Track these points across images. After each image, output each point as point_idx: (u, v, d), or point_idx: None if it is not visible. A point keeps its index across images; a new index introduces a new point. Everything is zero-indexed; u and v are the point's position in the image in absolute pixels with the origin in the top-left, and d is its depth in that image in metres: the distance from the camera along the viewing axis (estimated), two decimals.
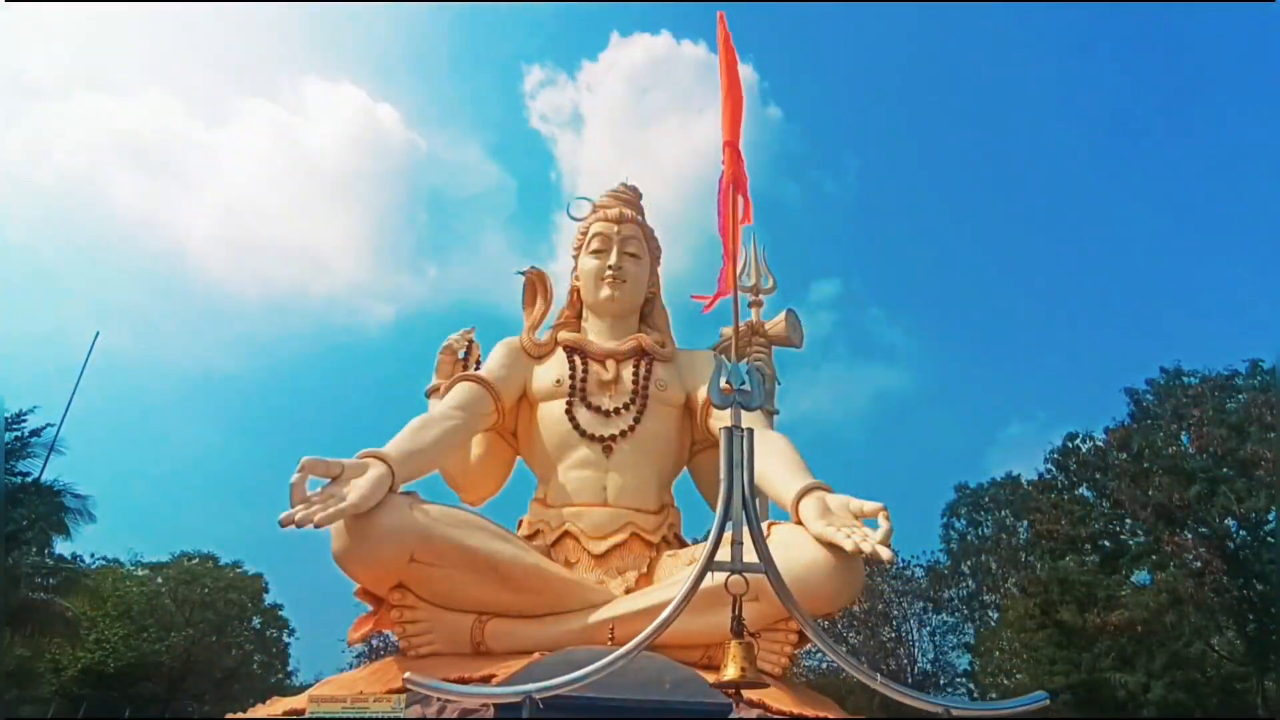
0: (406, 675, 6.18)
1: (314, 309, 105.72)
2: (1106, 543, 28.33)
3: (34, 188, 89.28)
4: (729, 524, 6.42)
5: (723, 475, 6.49)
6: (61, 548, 27.06)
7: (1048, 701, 5.92)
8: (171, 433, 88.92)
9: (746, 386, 6.81)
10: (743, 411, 6.70)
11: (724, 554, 6.33)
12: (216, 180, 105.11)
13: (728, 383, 6.83)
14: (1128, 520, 26.76)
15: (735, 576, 6.07)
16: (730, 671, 5.93)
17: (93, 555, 37.76)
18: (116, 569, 35.90)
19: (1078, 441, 30.56)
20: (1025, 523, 33.53)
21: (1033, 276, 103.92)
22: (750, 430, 6.59)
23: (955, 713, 5.74)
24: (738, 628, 6.05)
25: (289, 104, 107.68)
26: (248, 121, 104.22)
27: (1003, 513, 41.37)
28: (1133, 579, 27.05)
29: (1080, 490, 29.84)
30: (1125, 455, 27.37)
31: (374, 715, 6.23)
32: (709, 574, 6.08)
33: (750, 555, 6.40)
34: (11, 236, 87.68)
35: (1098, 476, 28.34)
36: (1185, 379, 29.23)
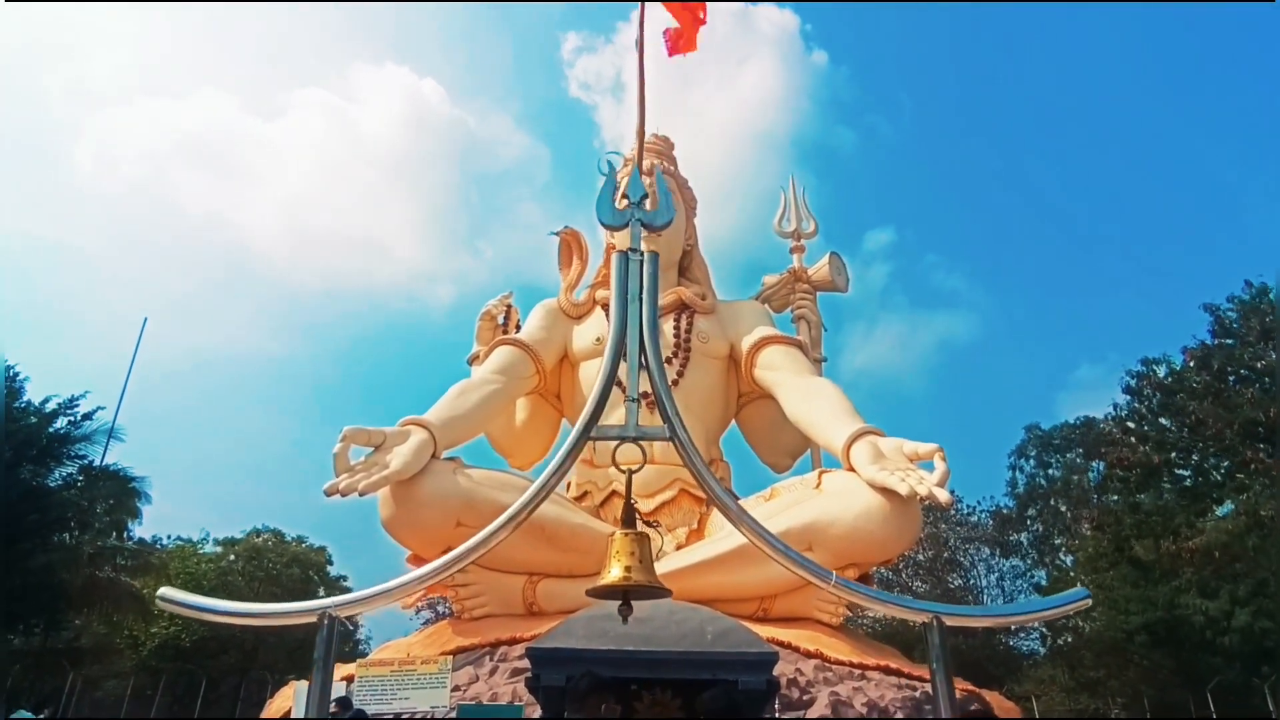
0: (161, 591, 4.75)
1: (377, 295, 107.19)
2: (1186, 471, 26.73)
3: (103, 196, 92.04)
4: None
5: (614, 310, 4.95)
6: (136, 531, 28.31)
7: (1088, 601, 5.03)
8: (247, 420, 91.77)
9: (647, 201, 5.26)
10: (646, 232, 5.11)
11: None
12: (277, 173, 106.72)
13: (624, 196, 5.24)
14: (1211, 446, 24.85)
15: (627, 446, 4.63)
16: (614, 572, 4.36)
17: (169, 536, 39.53)
18: (186, 548, 37.42)
19: (1154, 366, 28.76)
20: (1096, 462, 32.18)
21: (1099, 211, 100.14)
22: (655, 254, 5.11)
23: (947, 620, 4.57)
24: (628, 516, 4.62)
25: (340, 91, 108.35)
26: (301, 113, 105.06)
27: (1073, 453, 40.15)
28: (1216, 511, 25.42)
29: (1160, 420, 28.09)
30: (1206, 375, 25.54)
31: (421, 676, 6.19)
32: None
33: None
34: (84, 242, 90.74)
35: (1177, 399, 26.31)
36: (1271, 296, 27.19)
